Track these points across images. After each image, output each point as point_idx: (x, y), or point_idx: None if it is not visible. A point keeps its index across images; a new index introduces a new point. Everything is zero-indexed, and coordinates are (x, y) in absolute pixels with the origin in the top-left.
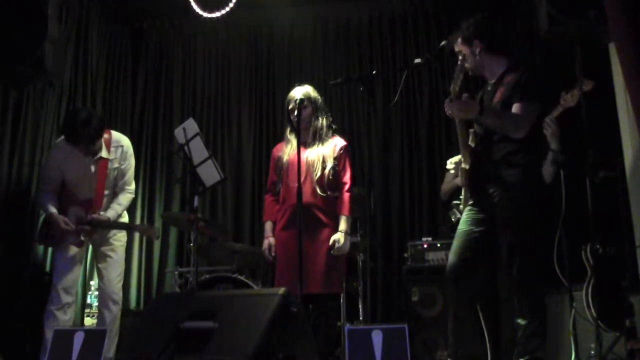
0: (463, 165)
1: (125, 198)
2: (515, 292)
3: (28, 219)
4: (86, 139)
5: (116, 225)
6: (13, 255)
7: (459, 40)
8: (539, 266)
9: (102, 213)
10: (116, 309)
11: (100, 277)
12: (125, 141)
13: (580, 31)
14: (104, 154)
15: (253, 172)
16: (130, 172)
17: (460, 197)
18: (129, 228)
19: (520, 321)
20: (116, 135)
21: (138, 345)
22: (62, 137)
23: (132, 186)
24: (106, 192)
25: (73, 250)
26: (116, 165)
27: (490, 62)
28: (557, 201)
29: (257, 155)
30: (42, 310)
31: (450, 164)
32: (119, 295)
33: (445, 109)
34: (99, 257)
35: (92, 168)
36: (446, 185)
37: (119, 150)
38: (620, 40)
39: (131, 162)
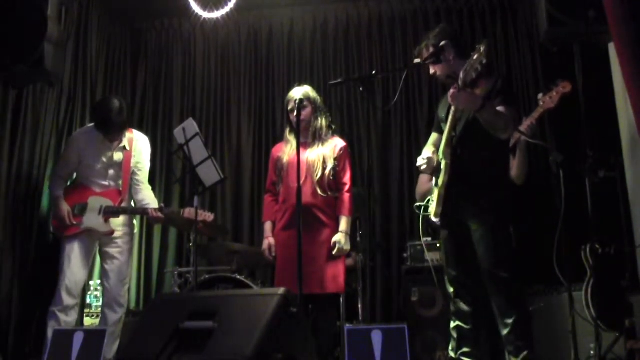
0: (444, 161)
1: (151, 194)
2: (492, 290)
3: (28, 218)
4: (117, 127)
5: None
6: (13, 255)
7: (431, 49)
8: (513, 261)
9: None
10: (121, 312)
11: (107, 278)
12: (146, 139)
13: (580, 31)
14: (127, 146)
15: (253, 172)
16: (147, 170)
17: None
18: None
19: (506, 320)
20: (137, 133)
21: (138, 345)
22: (86, 126)
23: (147, 184)
24: (128, 189)
25: (81, 251)
26: (137, 159)
27: (460, 67)
28: (556, 201)
29: (257, 155)
30: (44, 311)
31: (422, 160)
32: (124, 298)
33: (451, 97)
34: (106, 258)
35: (118, 157)
36: (422, 187)
37: (139, 146)
38: (619, 40)
39: (148, 160)
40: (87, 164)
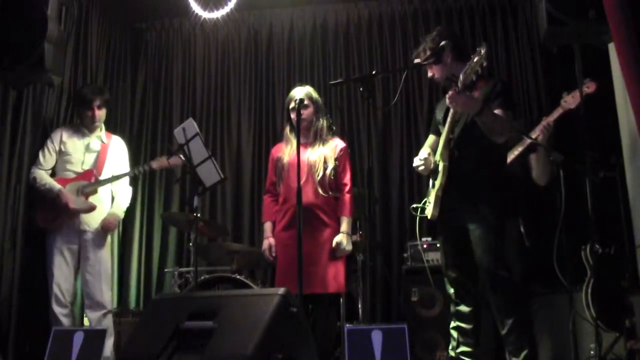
0: (442, 163)
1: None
2: (492, 290)
3: (28, 218)
4: (95, 102)
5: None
6: (14, 255)
7: (428, 52)
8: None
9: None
10: (103, 310)
11: (84, 282)
12: (122, 142)
13: (580, 31)
14: (104, 139)
15: (253, 172)
16: (125, 171)
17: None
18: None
19: (505, 320)
20: (116, 137)
21: (138, 345)
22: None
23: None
24: (103, 173)
25: (65, 257)
26: (113, 156)
27: (458, 70)
28: (557, 201)
29: (257, 155)
30: (44, 311)
31: (419, 160)
32: (104, 297)
33: (449, 100)
34: (82, 261)
35: (95, 145)
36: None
37: (116, 146)
38: (619, 40)
39: (125, 162)
40: (65, 152)
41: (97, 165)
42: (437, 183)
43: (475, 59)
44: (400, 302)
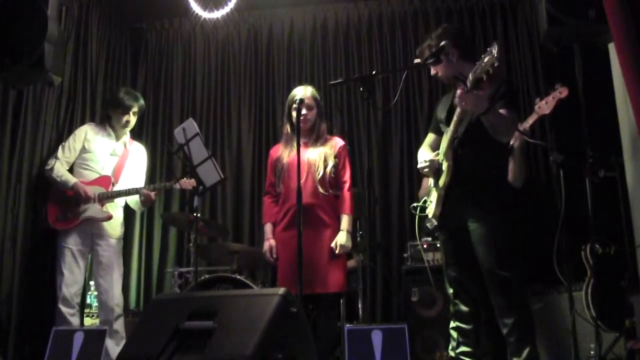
0: (446, 162)
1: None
2: (493, 289)
3: (28, 218)
4: (133, 109)
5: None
6: (14, 255)
7: (433, 49)
8: (515, 261)
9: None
10: (114, 316)
11: (97, 286)
12: (144, 150)
13: (580, 31)
14: (127, 145)
15: (253, 172)
16: (141, 179)
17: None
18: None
19: (506, 320)
20: (137, 143)
21: (138, 345)
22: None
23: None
24: (120, 178)
25: (75, 260)
26: (133, 162)
27: (464, 69)
28: (557, 201)
29: (257, 155)
30: (44, 310)
31: (424, 162)
32: (117, 304)
33: (457, 99)
34: (94, 265)
35: (120, 149)
36: (424, 192)
37: (136, 153)
38: (619, 40)
39: (144, 170)
40: (88, 149)
41: (115, 172)
42: (440, 182)
43: (487, 59)
44: (400, 302)
